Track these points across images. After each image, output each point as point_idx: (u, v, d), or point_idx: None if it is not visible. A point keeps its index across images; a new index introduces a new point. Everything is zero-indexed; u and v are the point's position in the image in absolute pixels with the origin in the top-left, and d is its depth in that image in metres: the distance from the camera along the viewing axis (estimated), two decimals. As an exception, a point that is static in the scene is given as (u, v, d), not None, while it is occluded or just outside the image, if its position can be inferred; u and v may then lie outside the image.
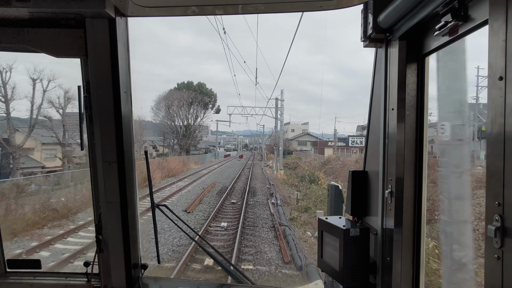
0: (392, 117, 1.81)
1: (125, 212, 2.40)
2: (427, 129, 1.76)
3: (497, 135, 1.09)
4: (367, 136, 2.18)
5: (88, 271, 2.49)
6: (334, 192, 2.47)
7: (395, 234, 1.77)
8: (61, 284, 2.59)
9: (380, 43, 1.92)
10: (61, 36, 2.17)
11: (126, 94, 2.32)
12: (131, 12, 2.21)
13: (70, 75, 30.36)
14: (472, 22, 1.32)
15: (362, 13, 1.96)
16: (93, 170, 2.40)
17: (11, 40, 2.16)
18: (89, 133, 2.35)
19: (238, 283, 2.72)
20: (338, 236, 1.96)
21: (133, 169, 2.46)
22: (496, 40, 1.10)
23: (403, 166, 1.75)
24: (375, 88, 2.06)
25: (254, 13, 2.26)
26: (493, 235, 1.07)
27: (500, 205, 1.07)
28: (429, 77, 1.75)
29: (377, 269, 1.92)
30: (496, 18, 1.11)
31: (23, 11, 2.05)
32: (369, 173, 2.12)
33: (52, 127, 30.55)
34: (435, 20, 1.51)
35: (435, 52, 1.63)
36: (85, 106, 2.27)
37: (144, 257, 2.71)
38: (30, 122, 28.79)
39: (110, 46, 2.17)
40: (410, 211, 1.75)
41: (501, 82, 1.08)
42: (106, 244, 2.44)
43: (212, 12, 2.34)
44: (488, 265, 1.12)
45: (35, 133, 30.17)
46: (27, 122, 29.10)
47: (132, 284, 2.53)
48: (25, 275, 2.67)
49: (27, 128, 29.02)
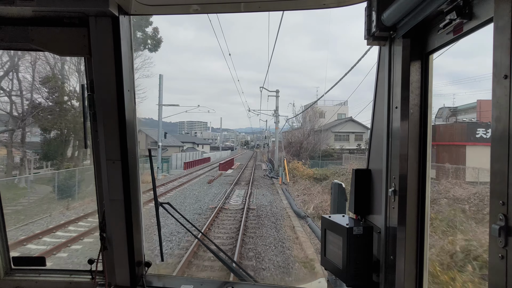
0: (395, 116, 1.80)
1: (128, 210, 2.41)
2: (431, 128, 1.75)
3: (502, 134, 1.09)
4: (371, 134, 2.18)
5: (93, 268, 2.50)
6: (338, 191, 2.46)
7: (399, 232, 1.76)
8: (65, 281, 2.61)
9: (383, 41, 1.91)
10: (65, 34, 2.18)
11: (129, 92, 2.33)
12: (134, 10, 2.22)
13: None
14: (477, 20, 1.31)
15: (366, 11, 1.95)
16: (97, 168, 2.41)
17: (15, 38, 2.17)
18: (92, 131, 2.36)
19: (241, 281, 2.73)
20: (342, 234, 1.96)
21: (136, 167, 2.47)
22: (501, 38, 1.09)
23: (407, 164, 1.75)
24: (378, 86, 2.05)
25: (257, 11, 2.26)
26: (497, 234, 1.07)
27: (505, 204, 1.07)
28: (433, 75, 1.74)
29: (380, 267, 1.92)
30: (501, 16, 1.10)
31: (27, 9, 2.05)
32: (373, 171, 2.11)
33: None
34: (439, 18, 1.50)
35: (439, 50, 1.63)
36: (89, 104, 2.28)
37: (147, 255, 2.70)
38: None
39: (113, 44, 2.17)
40: (414, 209, 1.75)
41: (506, 80, 1.07)
42: (110, 242, 2.46)
43: (215, 10, 2.33)
44: (492, 264, 1.11)
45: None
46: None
47: (136, 282, 2.54)
48: (30, 272, 2.69)
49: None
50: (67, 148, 26.36)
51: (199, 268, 10.10)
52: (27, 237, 12.44)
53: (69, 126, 25.04)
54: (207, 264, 10.24)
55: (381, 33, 1.84)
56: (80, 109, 2.35)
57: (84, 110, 2.30)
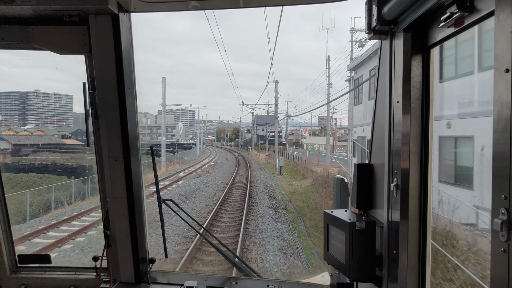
0: (397, 110, 1.80)
1: (132, 207, 2.43)
2: (432, 122, 1.74)
3: (503, 128, 1.08)
4: (372, 129, 2.17)
5: (97, 265, 2.53)
6: (340, 185, 2.47)
7: (401, 226, 1.77)
8: (71, 278, 2.64)
9: (384, 35, 1.90)
10: (65, 33, 2.18)
11: (130, 90, 2.33)
12: (134, 7, 2.21)
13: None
14: (478, 13, 1.30)
15: (366, 5, 1.93)
16: (99, 166, 2.43)
17: (15, 37, 2.18)
18: (94, 129, 2.37)
19: (245, 276, 2.75)
20: (344, 229, 1.97)
21: (139, 165, 2.48)
22: (503, 32, 1.08)
23: (409, 159, 1.74)
24: (380, 80, 2.05)
25: (257, 7, 2.25)
26: (499, 228, 1.07)
27: (507, 198, 1.07)
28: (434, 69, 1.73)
29: (383, 262, 1.93)
30: (502, 9, 1.09)
31: (26, 8, 2.05)
32: (375, 166, 2.11)
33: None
34: (440, 11, 1.49)
35: (440, 44, 1.62)
36: (90, 102, 2.29)
37: (152, 252, 2.73)
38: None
39: (114, 42, 2.17)
40: (416, 204, 1.75)
41: (507, 74, 1.06)
42: (114, 239, 2.48)
43: (214, 6, 2.33)
44: (494, 259, 1.11)
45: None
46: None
47: (140, 278, 2.57)
48: (35, 270, 2.72)
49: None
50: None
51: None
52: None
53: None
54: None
55: (382, 27, 1.83)
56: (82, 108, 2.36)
57: (86, 109, 2.31)
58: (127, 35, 2.26)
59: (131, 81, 2.35)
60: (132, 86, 2.37)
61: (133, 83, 2.38)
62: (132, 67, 2.36)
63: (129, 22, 2.29)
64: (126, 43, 2.24)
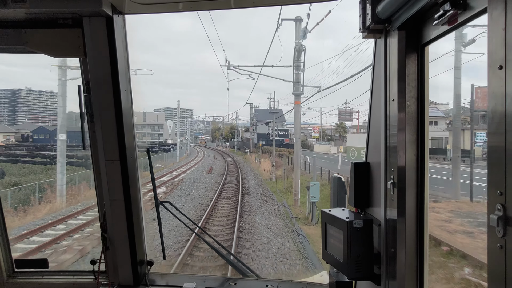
0: (392, 108, 1.80)
1: (129, 210, 2.42)
2: (428, 119, 1.75)
3: (498, 124, 1.09)
4: (368, 127, 2.18)
5: (95, 268, 2.51)
6: (337, 184, 2.47)
7: (398, 224, 1.77)
8: (68, 282, 2.62)
9: (379, 34, 1.91)
10: (59, 36, 2.17)
11: (126, 92, 2.32)
12: (128, 9, 2.20)
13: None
14: (471, 11, 1.31)
15: (360, 4, 1.94)
16: (96, 169, 2.41)
17: (9, 41, 2.16)
18: (90, 132, 2.35)
19: (244, 277, 2.75)
20: (342, 228, 1.97)
21: (135, 167, 2.47)
22: (496, 29, 1.09)
23: (405, 156, 1.75)
24: (375, 79, 2.05)
25: (251, 7, 2.25)
26: (495, 224, 1.07)
27: (502, 194, 1.07)
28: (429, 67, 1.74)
29: (381, 259, 1.93)
30: (495, 6, 1.09)
31: (20, 12, 2.04)
32: (371, 164, 2.12)
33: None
34: (434, 9, 1.49)
35: (435, 41, 1.62)
36: (86, 105, 2.28)
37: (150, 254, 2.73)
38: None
39: (108, 44, 2.16)
40: (413, 201, 1.76)
41: (501, 71, 1.07)
42: (112, 242, 2.47)
43: (208, 6, 2.32)
44: (491, 254, 1.12)
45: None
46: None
47: (139, 281, 2.56)
48: (33, 274, 2.70)
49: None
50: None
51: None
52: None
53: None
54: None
55: (376, 26, 1.84)
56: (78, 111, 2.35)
57: (81, 112, 2.30)
58: (121, 37, 2.25)
59: (127, 83, 2.34)
60: (128, 88, 2.36)
61: (129, 85, 2.37)
62: (127, 69, 2.35)
63: (124, 24, 2.28)
64: (120, 45, 2.23)
